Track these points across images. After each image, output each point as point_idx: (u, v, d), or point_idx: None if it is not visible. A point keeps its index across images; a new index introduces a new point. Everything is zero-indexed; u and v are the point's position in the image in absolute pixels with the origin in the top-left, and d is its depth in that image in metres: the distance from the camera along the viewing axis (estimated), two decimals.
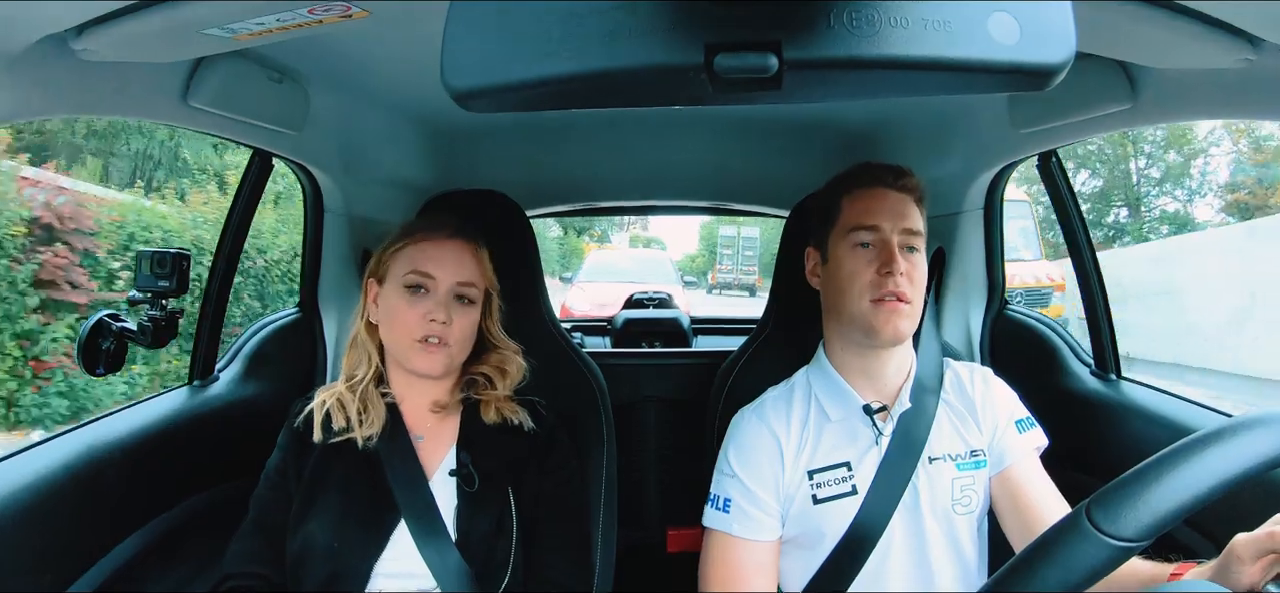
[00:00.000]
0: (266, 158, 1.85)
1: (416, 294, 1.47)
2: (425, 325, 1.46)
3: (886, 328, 1.40)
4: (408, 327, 1.47)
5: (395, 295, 1.49)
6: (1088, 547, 0.76)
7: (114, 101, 1.29)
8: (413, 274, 1.48)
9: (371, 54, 1.62)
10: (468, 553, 1.41)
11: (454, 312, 1.48)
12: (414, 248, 1.50)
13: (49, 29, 1.00)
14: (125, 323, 1.62)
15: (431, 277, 1.48)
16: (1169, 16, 0.97)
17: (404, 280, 1.48)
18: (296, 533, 1.42)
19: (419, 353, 1.47)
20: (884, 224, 1.42)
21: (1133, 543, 0.76)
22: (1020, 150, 1.86)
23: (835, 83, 0.67)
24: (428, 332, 1.46)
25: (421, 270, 1.48)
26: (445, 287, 1.48)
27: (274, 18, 1.04)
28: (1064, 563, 0.76)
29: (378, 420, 1.48)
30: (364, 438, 1.45)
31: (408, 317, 1.47)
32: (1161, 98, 1.32)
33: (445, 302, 1.48)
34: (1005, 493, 1.43)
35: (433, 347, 1.46)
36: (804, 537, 1.44)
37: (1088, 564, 0.76)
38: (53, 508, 1.33)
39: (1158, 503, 0.77)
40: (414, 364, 1.48)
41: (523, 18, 0.61)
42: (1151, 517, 0.76)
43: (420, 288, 1.48)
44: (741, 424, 1.53)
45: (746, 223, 27.68)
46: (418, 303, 1.47)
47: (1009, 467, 1.44)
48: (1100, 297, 1.86)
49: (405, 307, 1.47)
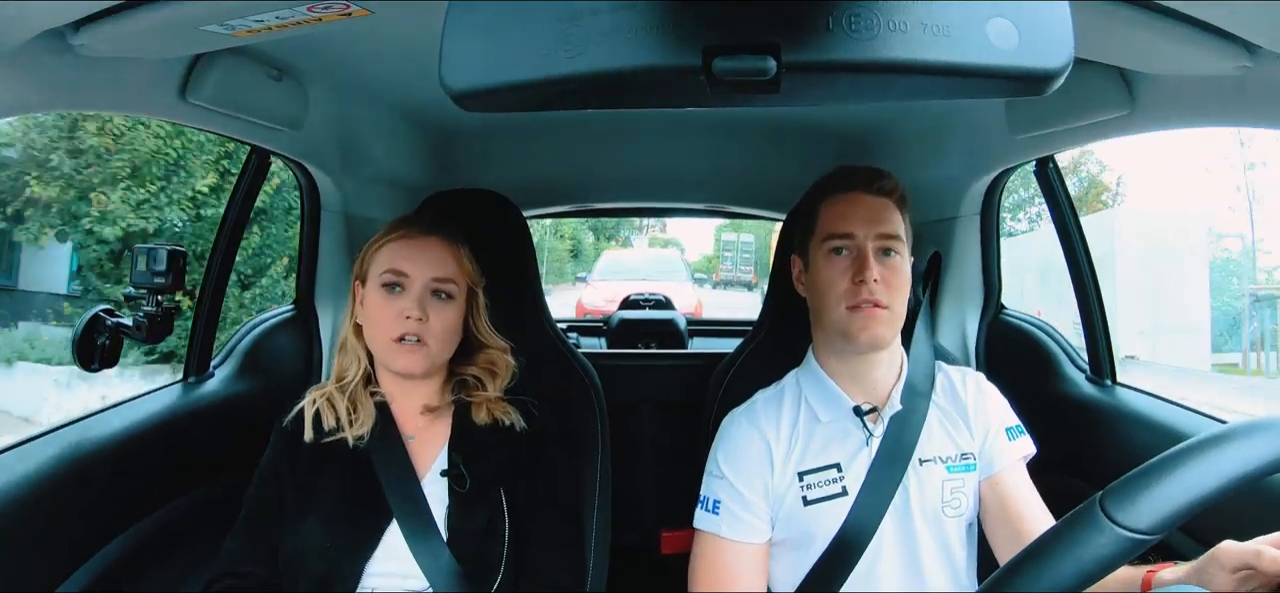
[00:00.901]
0: (264, 155, 1.85)
1: (392, 292, 1.46)
2: (401, 324, 1.44)
3: (863, 335, 1.40)
4: (384, 326, 1.45)
5: (373, 294, 1.47)
6: (1100, 537, 0.76)
7: (112, 97, 1.29)
8: (388, 272, 1.46)
9: (370, 53, 1.62)
10: (459, 553, 1.41)
11: (431, 308, 1.46)
12: (390, 246, 1.49)
13: (47, 24, 1.00)
14: (121, 319, 1.61)
15: (406, 273, 1.46)
16: (1166, 22, 0.98)
17: (381, 279, 1.46)
18: (289, 533, 1.41)
19: (397, 353, 1.46)
20: (857, 231, 1.41)
21: (1145, 536, 0.76)
22: (1018, 155, 1.86)
23: (833, 86, 0.67)
24: (403, 330, 1.44)
25: (396, 268, 1.46)
26: (421, 283, 1.47)
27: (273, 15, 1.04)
28: (1076, 553, 0.76)
29: (368, 420, 1.47)
30: (354, 438, 1.45)
31: (384, 315, 1.45)
32: (1159, 104, 1.32)
33: (421, 299, 1.46)
34: (993, 500, 1.43)
35: (410, 347, 1.45)
36: (794, 539, 1.44)
37: (1100, 555, 0.75)
38: (44, 505, 1.32)
39: (1171, 497, 0.77)
40: (394, 364, 1.47)
41: (521, 18, 0.61)
42: (1165, 510, 0.76)
43: (396, 285, 1.46)
44: (731, 427, 1.52)
45: (744, 227, 28.54)
46: (393, 301, 1.45)
47: (997, 473, 1.44)
48: (1096, 303, 1.86)
49: (381, 305, 1.46)
